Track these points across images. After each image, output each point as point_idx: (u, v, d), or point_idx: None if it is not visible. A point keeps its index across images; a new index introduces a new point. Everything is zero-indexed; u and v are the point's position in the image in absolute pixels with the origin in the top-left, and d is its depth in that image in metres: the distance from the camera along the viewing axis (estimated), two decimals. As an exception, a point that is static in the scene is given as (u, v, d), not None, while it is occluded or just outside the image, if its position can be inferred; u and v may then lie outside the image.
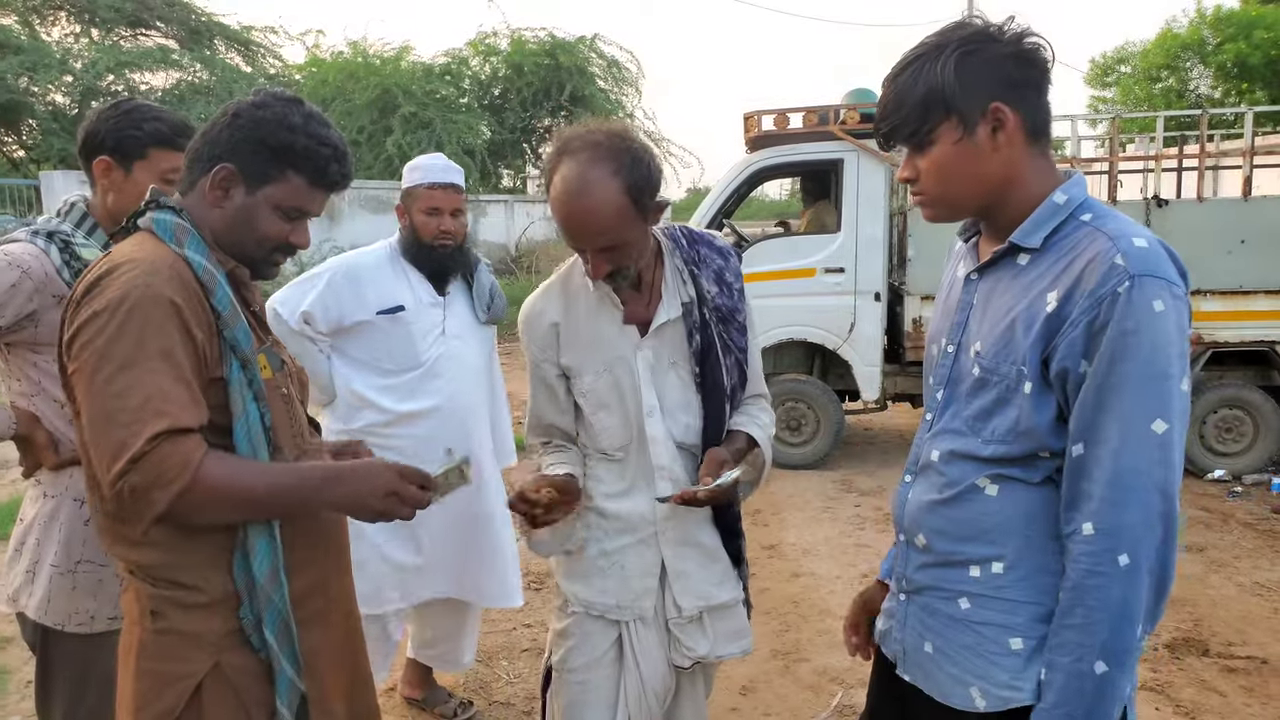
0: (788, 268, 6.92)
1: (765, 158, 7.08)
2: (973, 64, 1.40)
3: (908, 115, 1.45)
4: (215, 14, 19.67)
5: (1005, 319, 1.44)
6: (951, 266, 1.68)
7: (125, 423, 1.38)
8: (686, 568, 2.01)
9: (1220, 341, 6.45)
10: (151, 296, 1.42)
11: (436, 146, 17.34)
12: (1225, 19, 20.69)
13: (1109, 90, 23.80)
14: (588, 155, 1.73)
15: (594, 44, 20.52)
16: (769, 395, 2.20)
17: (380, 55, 19.44)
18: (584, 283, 1.91)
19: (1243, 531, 5.60)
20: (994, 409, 1.46)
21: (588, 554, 2.01)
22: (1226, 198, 7.08)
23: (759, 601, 4.65)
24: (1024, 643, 1.47)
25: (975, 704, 1.50)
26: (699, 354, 1.96)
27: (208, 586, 1.50)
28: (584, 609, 2.01)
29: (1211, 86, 21.23)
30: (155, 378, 1.40)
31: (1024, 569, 1.47)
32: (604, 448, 1.99)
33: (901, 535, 1.64)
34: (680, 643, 2.02)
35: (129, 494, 1.39)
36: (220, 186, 1.57)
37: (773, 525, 5.87)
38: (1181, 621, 4.31)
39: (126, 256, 1.48)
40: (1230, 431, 6.67)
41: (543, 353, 1.94)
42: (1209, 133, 7.11)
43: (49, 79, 15.90)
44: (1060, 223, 1.42)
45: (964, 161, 1.44)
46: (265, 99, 1.59)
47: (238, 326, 1.53)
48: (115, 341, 1.40)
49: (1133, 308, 1.29)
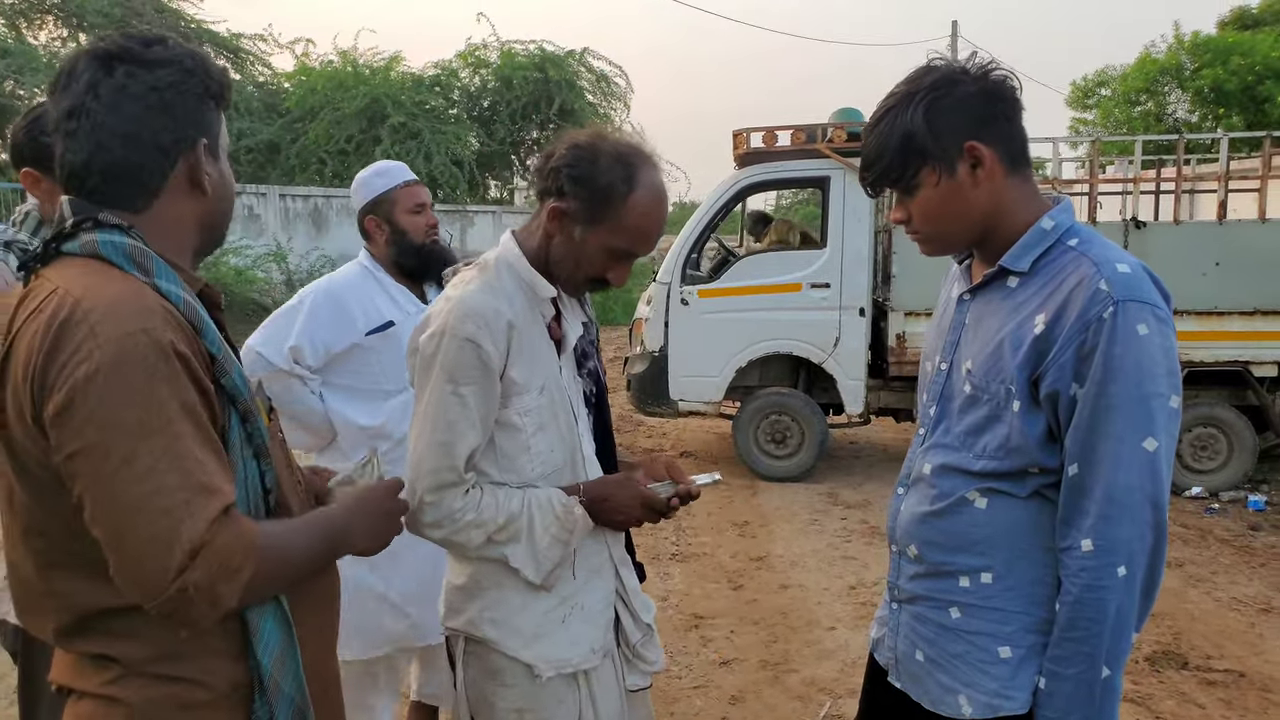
0: (774, 282, 7.03)
1: (754, 174, 7.19)
2: (942, 108, 1.46)
3: (889, 164, 1.51)
4: (205, 21, 19.62)
5: (995, 339, 1.50)
6: (947, 287, 1.75)
7: (167, 508, 1.12)
8: (633, 582, 1.92)
9: (1195, 361, 6.58)
10: (154, 345, 1.15)
11: (425, 157, 17.38)
12: (1203, 45, 21.10)
13: (1089, 112, 24.16)
14: (656, 164, 1.73)
15: (583, 58, 20.64)
16: None
17: (370, 65, 19.45)
18: (516, 289, 1.73)
19: (1220, 547, 5.72)
20: (985, 425, 1.51)
21: (537, 610, 1.74)
22: (1202, 221, 7.26)
23: (748, 612, 4.72)
24: (1013, 651, 1.52)
25: (962, 711, 1.55)
26: (593, 374, 1.92)
27: (212, 679, 1.24)
28: (555, 671, 1.73)
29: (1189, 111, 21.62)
30: (186, 444, 1.15)
31: (1012, 579, 1.52)
32: (534, 477, 1.74)
33: (894, 546, 1.69)
34: (643, 659, 1.91)
35: (189, 595, 1.13)
36: (204, 168, 1.32)
37: (760, 537, 5.94)
38: (1161, 635, 4.40)
39: (98, 296, 1.16)
40: (1206, 449, 6.81)
41: (498, 357, 1.65)
42: (1186, 157, 7.27)
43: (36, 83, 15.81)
44: (1048, 247, 1.49)
45: (949, 201, 1.51)
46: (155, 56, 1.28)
47: (234, 371, 1.27)
48: (126, 407, 1.13)
49: (1118, 332, 1.36)
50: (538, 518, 1.69)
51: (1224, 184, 6.77)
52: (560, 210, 1.69)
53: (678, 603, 4.75)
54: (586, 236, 1.69)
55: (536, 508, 1.70)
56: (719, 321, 7.09)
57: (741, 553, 5.62)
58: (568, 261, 1.73)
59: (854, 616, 4.52)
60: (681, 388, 7.21)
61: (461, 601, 1.77)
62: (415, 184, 2.82)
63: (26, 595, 1.28)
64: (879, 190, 1.59)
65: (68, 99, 1.24)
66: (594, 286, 1.79)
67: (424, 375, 1.69)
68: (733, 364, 7.13)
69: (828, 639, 4.28)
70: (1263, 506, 6.48)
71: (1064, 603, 1.44)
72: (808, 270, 7.01)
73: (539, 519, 1.69)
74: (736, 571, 5.32)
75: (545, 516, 1.70)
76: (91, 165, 1.25)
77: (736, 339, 7.10)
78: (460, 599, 1.78)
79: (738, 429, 7.26)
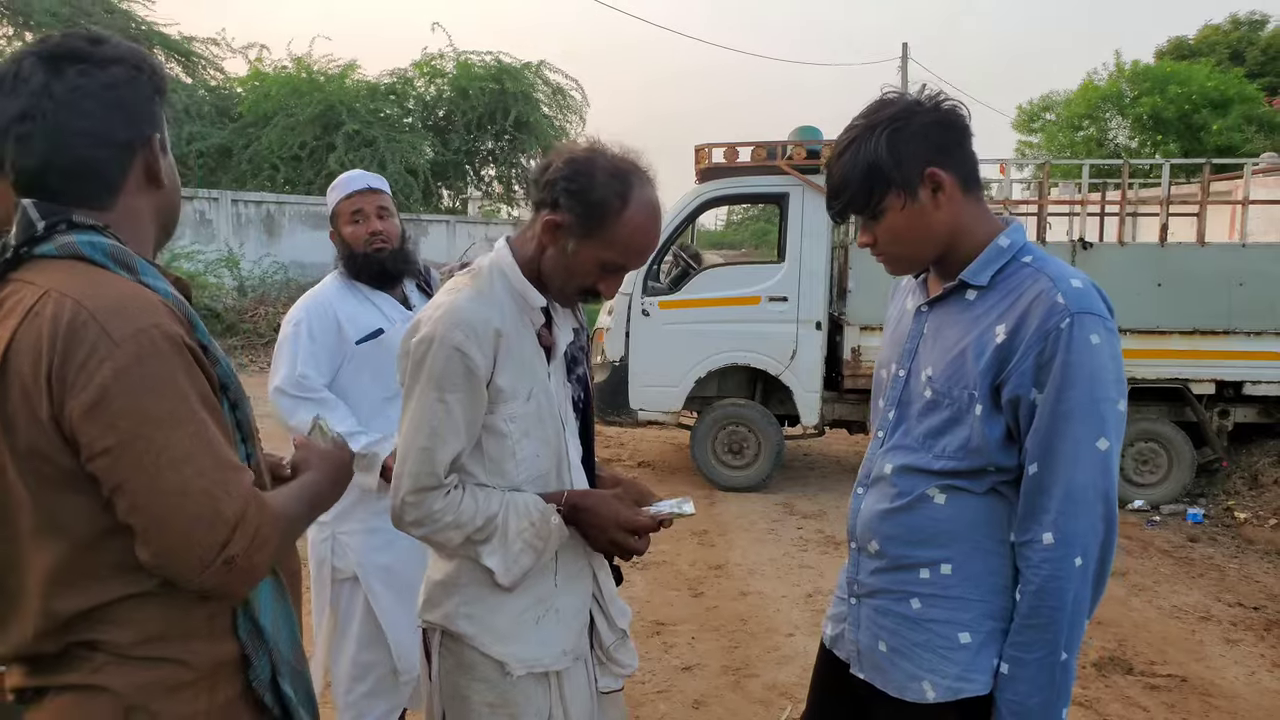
0: (733, 295, 7.13)
1: (715, 189, 7.30)
2: (903, 138, 1.57)
3: (855, 193, 1.62)
4: (156, 23, 19.25)
5: (956, 348, 1.61)
6: (900, 299, 1.86)
7: (207, 489, 1.19)
8: (610, 588, 1.95)
9: (1137, 378, 6.81)
10: (168, 339, 1.20)
11: (379, 165, 17.25)
12: (1142, 74, 21.83)
13: (1035, 135, 24.82)
14: (651, 180, 1.77)
15: (539, 70, 20.70)
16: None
17: (325, 72, 19.28)
18: (507, 297, 1.76)
19: (1161, 558, 5.91)
20: (945, 428, 1.61)
21: (513, 609, 1.78)
22: (1145, 243, 7.51)
23: (708, 619, 4.77)
24: (972, 637, 1.62)
25: (926, 696, 1.64)
26: (582, 380, 1.95)
27: (195, 659, 1.28)
28: (526, 670, 1.77)
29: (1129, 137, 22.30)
30: (211, 430, 1.22)
31: (970, 570, 1.62)
32: (520, 481, 1.77)
33: (854, 543, 1.77)
34: (615, 662, 1.94)
35: (234, 566, 1.20)
36: (159, 162, 1.34)
37: (719, 545, 6.00)
38: (1107, 642, 4.54)
39: (93, 296, 1.19)
40: (1147, 463, 7.04)
41: (485, 365, 1.68)
42: (1129, 181, 7.54)
43: (-21, 81, 15.43)
44: (1005, 263, 1.61)
45: (913, 224, 1.61)
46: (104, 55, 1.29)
47: (222, 360, 1.33)
48: (156, 399, 1.18)
49: (1074, 342, 1.47)
50: (513, 522, 1.72)
51: (1165, 208, 7.02)
52: (554, 223, 1.71)
53: (639, 609, 4.78)
54: (579, 249, 1.72)
55: (513, 512, 1.73)
56: (679, 333, 7.16)
57: (700, 561, 5.68)
58: (560, 272, 1.76)
59: (812, 623, 4.59)
60: (641, 398, 7.26)
61: (440, 596, 1.80)
62: (359, 193, 2.85)
63: (8, 598, 1.25)
64: (845, 217, 1.69)
65: (17, 102, 1.23)
66: (585, 297, 1.83)
67: (412, 379, 1.72)
68: (692, 375, 7.21)
69: (787, 645, 4.35)
70: (1201, 519, 6.71)
71: (1025, 592, 1.54)
72: (766, 284, 7.12)
73: (514, 523, 1.72)
74: (696, 579, 5.38)
75: (520, 521, 1.72)
76: (51, 166, 1.25)
77: (696, 350, 7.18)
78: (439, 593, 1.81)
79: (695, 439, 7.34)
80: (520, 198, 22.18)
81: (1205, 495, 7.17)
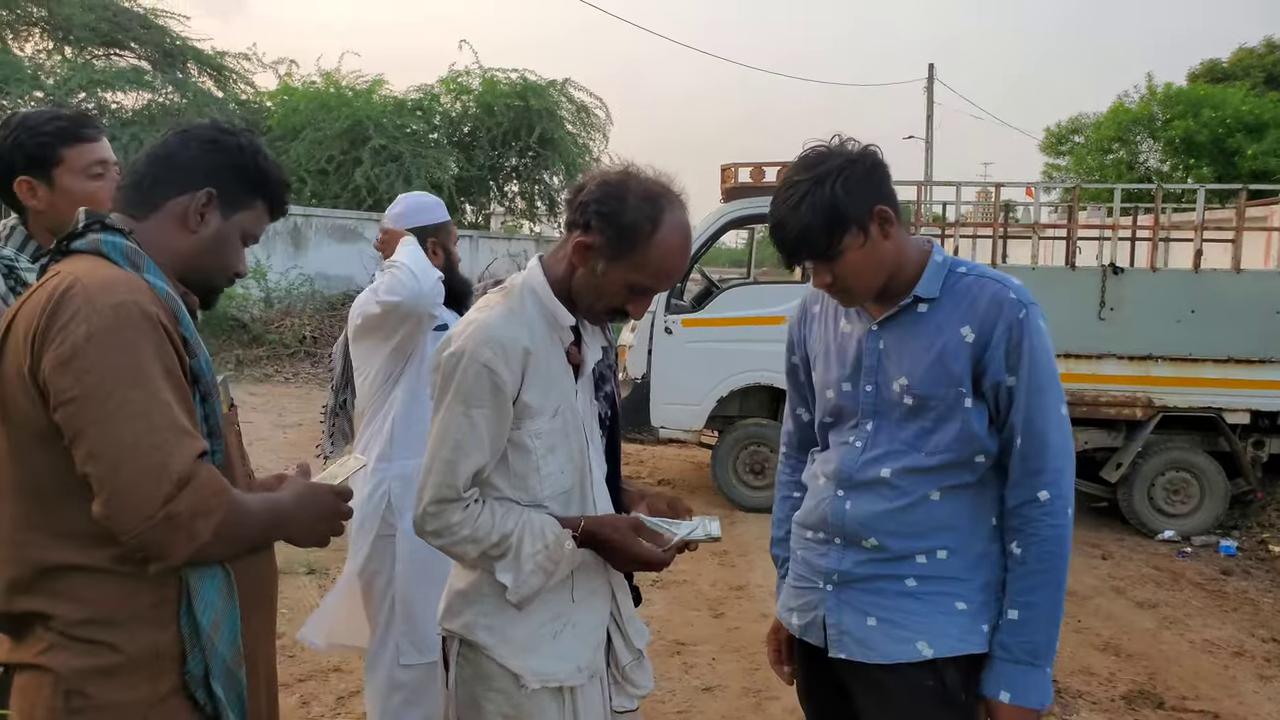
0: (756, 314, 7.09)
1: (740, 208, 7.28)
2: (853, 183, 1.74)
3: (817, 239, 1.75)
4: (190, 38, 19.53)
5: (930, 354, 1.80)
6: (823, 324, 2.02)
7: (158, 444, 1.28)
8: (629, 608, 1.96)
9: (1170, 406, 6.69)
10: (144, 314, 1.33)
11: (405, 180, 17.34)
12: (1174, 97, 21.56)
13: (1063, 158, 24.61)
14: (683, 204, 1.79)
15: (564, 88, 20.79)
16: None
17: (353, 87, 19.45)
18: (537, 315, 1.79)
19: (1193, 591, 5.78)
20: (935, 427, 1.81)
21: (531, 622, 1.80)
22: (1178, 269, 7.39)
23: (729, 640, 4.71)
24: (967, 605, 1.82)
25: (922, 653, 1.81)
26: (609, 397, 1.99)
27: (132, 646, 1.35)
28: (541, 683, 1.78)
29: (1160, 161, 22.05)
30: (168, 396, 1.33)
31: (965, 553, 1.83)
32: (544, 497, 1.80)
33: (837, 539, 1.90)
34: (631, 683, 1.94)
35: (174, 523, 1.28)
36: (200, 211, 1.51)
37: (740, 566, 5.94)
38: (1137, 675, 4.44)
39: (94, 277, 1.35)
40: (1178, 493, 6.90)
41: (513, 382, 1.72)
42: (1162, 206, 7.43)
43: (20, 93, 15.67)
44: (945, 275, 1.83)
45: (869, 258, 1.78)
46: (228, 127, 1.58)
47: (202, 356, 1.44)
48: (122, 361, 1.30)
49: (1031, 327, 1.76)
50: (527, 543, 1.73)
51: (1199, 234, 6.91)
52: (585, 244, 1.75)
53: (659, 629, 4.73)
54: (609, 271, 1.75)
55: (528, 533, 1.74)
56: (701, 351, 7.13)
57: (721, 581, 5.62)
58: (589, 292, 1.79)
59: (834, 650, 4.50)
60: (663, 415, 7.22)
61: (460, 605, 1.83)
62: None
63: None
64: (800, 262, 1.88)
65: (155, 146, 1.57)
66: (614, 317, 1.86)
67: (441, 392, 1.76)
68: (714, 394, 7.16)
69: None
70: (1234, 552, 6.56)
71: (1031, 544, 1.77)
72: (790, 304, 7.03)
73: (528, 544, 1.73)
74: (717, 600, 5.32)
75: (535, 544, 1.74)
76: (134, 172, 1.55)
77: (718, 369, 7.13)
78: (460, 602, 1.83)
79: (717, 459, 7.28)
80: (542, 214, 22.27)
81: (1239, 527, 7.01)
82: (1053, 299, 6.74)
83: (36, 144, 1.98)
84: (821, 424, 2.01)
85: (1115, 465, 6.88)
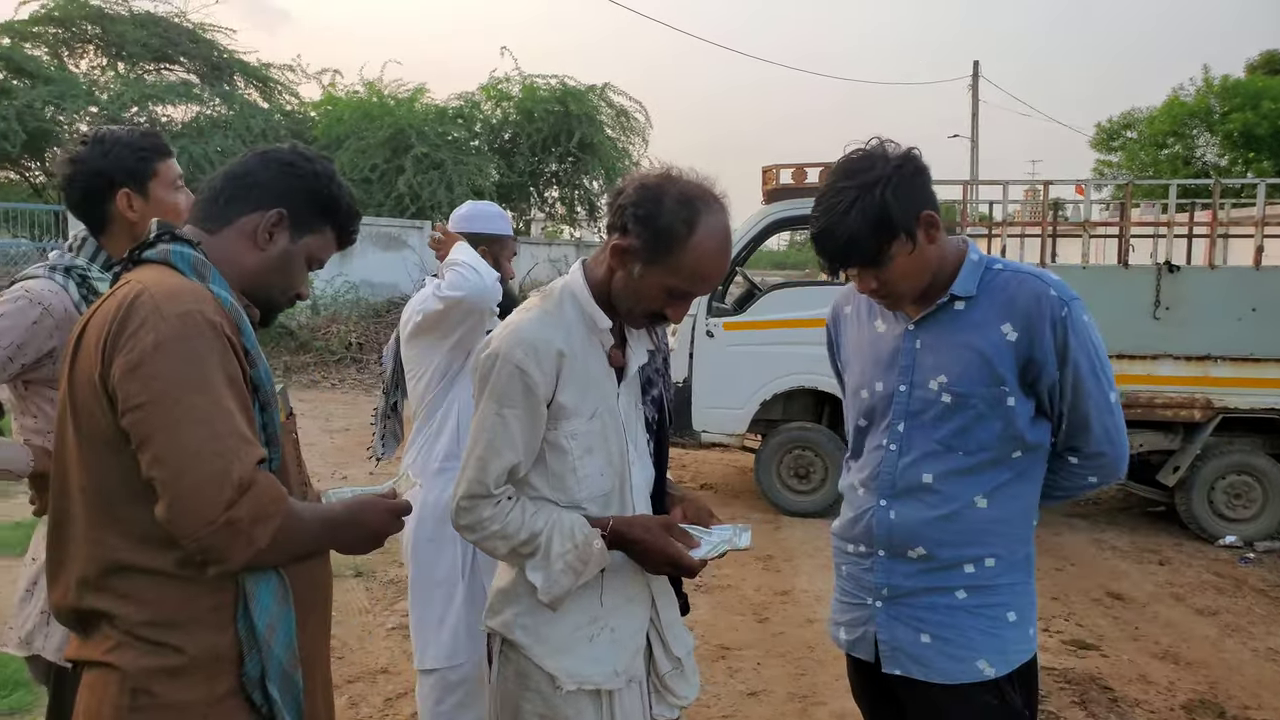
0: (799, 316, 7.00)
1: (782, 210, 7.20)
2: (901, 190, 1.73)
3: (866, 247, 1.74)
4: (237, 51, 19.94)
5: (968, 352, 1.80)
6: (855, 325, 2.02)
7: (220, 451, 1.32)
8: (671, 615, 1.95)
9: (1230, 408, 6.49)
10: (209, 323, 1.38)
11: (447, 187, 17.52)
12: (1232, 89, 21.01)
13: (1114, 155, 24.10)
14: (723, 207, 1.77)
15: (604, 93, 20.84)
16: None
17: (395, 96, 19.69)
18: (576, 318, 1.80)
19: (1255, 598, 5.59)
20: (973, 424, 1.80)
21: (569, 624, 1.81)
22: (1238, 266, 7.18)
23: (774, 645, 4.65)
24: (1017, 615, 1.85)
25: (985, 674, 1.81)
26: (657, 401, 1.98)
27: (193, 648, 1.39)
28: (576, 685, 1.79)
29: (1218, 155, 21.50)
30: (230, 404, 1.37)
31: (1011, 559, 1.85)
32: (582, 498, 1.80)
33: (881, 551, 1.87)
34: (671, 693, 1.92)
35: (234, 528, 1.31)
36: (270, 230, 1.56)
37: (785, 571, 5.87)
38: (1198, 684, 4.30)
39: (162, 286, 1.40)
40: (1240, 498, 6.69)
41: (545, 384, 1.73)
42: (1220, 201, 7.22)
43: (75, 108, 16.10)
44: (981, 273, 1.83)
45: (916, 264, 1.78)
46: (307, 152, 1.62)
47: (262, 366, 1.48)
48: (189, 368, 1.34)
49: (1075, 323, 1.77)
50: (555, 541, 1.74)
51: (1260, 229, 6.70)
52: (622, 248, 1.74)
53: (703, 633, 4.68)
54: (646, 274, 1.74)
55: (558, 532, 1.75)
56: (744, 354, 7.06)
57: (766, 586, 5.55)
58: (628, 296, 1.78)
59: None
60: (705, 419, 7.16)
61: (501, 604, 1.85)
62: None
63: (66, 546, 1.44)
64: (847, 269, 1.83)
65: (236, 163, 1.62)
66: (653, 320, 1.85)
67: (478, 391, 1.79)
68: (757, 397, 7.09)
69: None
70: (1299, 557, 6.34)
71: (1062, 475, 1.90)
72: (835, 305, 6.97)
73: (557, 544, 1.74)
74: (761, 605, 5.26)
75: (564, 543, 1.74)
76: (210, 185, 1.60)
77: (761, 372, 7.06)
78: (500, 601, 1.86)
79: (760, 463, 7.21)
80: (582, 219, 22.33)
81: (1303, 532, 6.78)
82: (1105, 298, 6.59)
83: (136, 159, 2.08)
84: (856, 428, 2.00)
85: (1172, 469, 6.69)
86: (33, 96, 15.56)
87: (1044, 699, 4.05)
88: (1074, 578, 5.88)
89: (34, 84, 16.11)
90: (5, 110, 15.00)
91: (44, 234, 14.14)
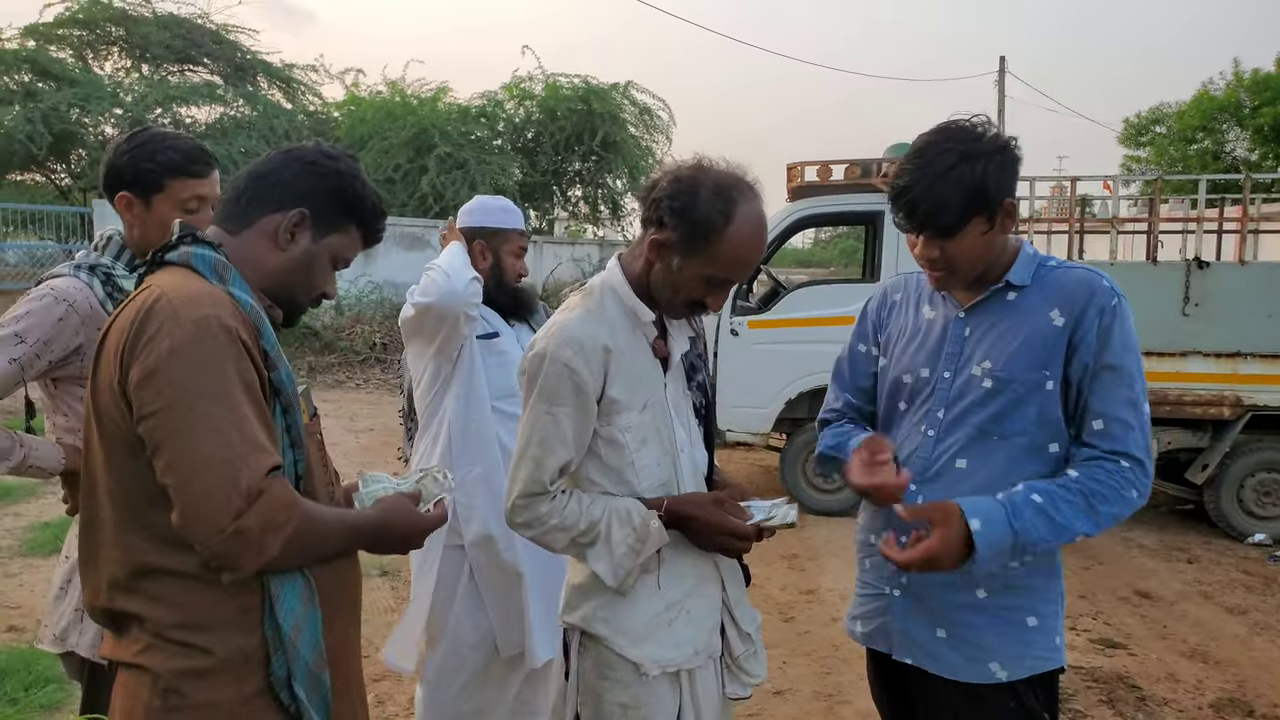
0: (825, 315, 6.99)
1: (807, 207, 7.19)
2: (1004, 170, 1.74)
3: (951, 212, 1.73)
4: (260, 52, 20.07)
5: (1016, 338, 1.81)
6: (907, 310, 2.02)
7: (230, 459, 1.32)
8: (738, 593, 1.99)
9: (1259, 405, 6.42)
10: (225, 329, 1.37)
11: (470, 187, 17.55)
12: (1263, 83, 20.73)
13: (1143, 150, 23.84)
14: (757, 194, 1.80)
15: (627, 91, 20.81)
16: None
17: (418, 95, 19.76)
18: (619, 314, 1.84)
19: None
20: (1011, 409, 1.79)
21: (646, 611, 1.85)
22: (1268, 261, 7.09)
23: (800, 644, 4.66)
24: (1039, 620, 1.81)
25: (996, 676, 1.80)
26: (701, 387, 2.01)
27: (222, 649, 1.40)
28: (660, 670, 1.83)
29: (1248, 149, 21.22)
30: (245, 411, 1.36)
31: (1036, 561, 1.79)
32: (642, 489, 1.85)
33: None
34: (744, 671, 1.97)
35: (243, 537, 1.32)
36: (291, 230, 1.54)
37: (810, 570, 5.87)
38: (1226, 682, 4.27)
39: (180, 291, 1.39)
40: (1269, 495, 6.62)
41: (594, 381, 1.77)
42: (1250, 197, 7.14)
43: (100, 110, 16.27)
44: (1035, 267, 1.85)
45: (986, 245, 1.79)
46: (332, 151, 1.60)
47: (283, 368, 1.47)
48: (203, 375, 1.34)
49: (1121, 316, 1.78)
50: (615, 527, 1.79)
51: (1290, 224, 6.63)
52: (659, 241, 1.77)
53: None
54: (684, 266, 1.77)
55: (615, 518, 1.80)
56: (768, 353, 7.06)
57: (791, 585, 5.56)
58: (667, 288, 1.81)
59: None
60: (729, 418, 7.16)
61: (578, 599, 1.90)
62: (523, 233, 3.01)
63: (97, 547, 1.45)
64: (918, 231, 1.80)
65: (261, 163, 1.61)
66: (692, 311, 1.88)
67: (527, 392, 1.83)
68: (782, 396, 7.08)
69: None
70: (1329, 555, 6.27)
71: (1088, 473, 1.74)
72: (859, 304, 6.93)
73: (616, 528, 1.79)
74: (787, 604, 5.27)
75: (623, 527, 1.79)
76: (233, 186, 1.58)
77: (786, 371, 7.05)
78: (578, 597, 1.90)
79: (785, 462, 7.20)
80: (606, 218, 22.32)
81: (1334, 530, 6.70)
82: (1133, 294, 6.39)
83: (145, 169, 2.08)
84: (887, 410, 2.00)
85: (1201, 466, 6.63)
86: (58, 99, 15.71)
87: (1071, 697, 4.04)
88: (1102, 576, 5.85)
89: (59, 86, 16.27)
90: (31, 113, 15.17)
91: (70, 236, 14.31)
